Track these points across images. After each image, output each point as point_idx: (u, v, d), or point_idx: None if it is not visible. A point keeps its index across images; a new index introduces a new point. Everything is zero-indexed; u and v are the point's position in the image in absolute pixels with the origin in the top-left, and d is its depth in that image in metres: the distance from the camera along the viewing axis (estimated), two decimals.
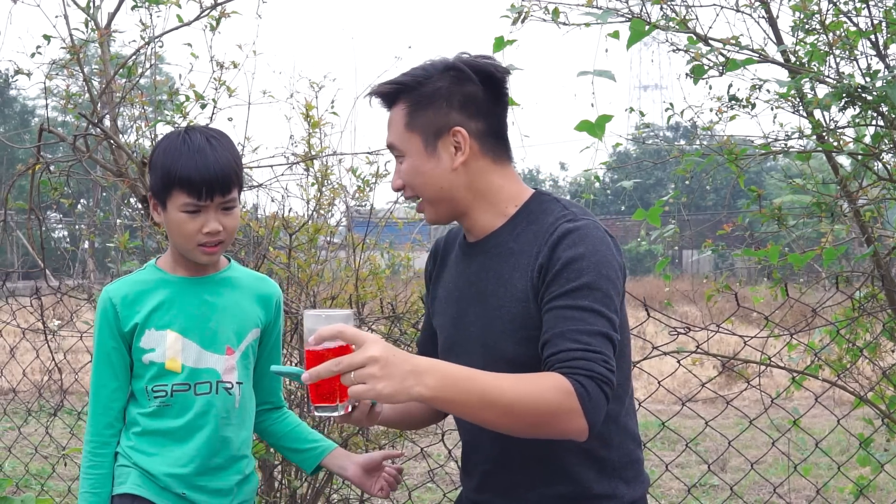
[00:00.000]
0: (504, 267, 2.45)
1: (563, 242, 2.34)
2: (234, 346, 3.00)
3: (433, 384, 2.07)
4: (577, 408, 2.14)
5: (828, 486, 5.86)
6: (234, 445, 3.01)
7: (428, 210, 2.53)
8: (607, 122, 3.55)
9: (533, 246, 2.40)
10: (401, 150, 2.47)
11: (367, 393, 2.02)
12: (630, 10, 4.63)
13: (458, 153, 2.45)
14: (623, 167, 8.66)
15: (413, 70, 2.47)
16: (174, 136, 2.93)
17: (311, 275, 4.96)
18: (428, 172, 2.46)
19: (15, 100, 46.00)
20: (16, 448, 7.02)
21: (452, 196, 2.48)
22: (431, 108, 2.43)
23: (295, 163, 5.24)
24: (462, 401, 2.12)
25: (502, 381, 2.16)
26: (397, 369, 2.03)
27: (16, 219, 7.42)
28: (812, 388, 5.19)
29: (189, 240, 2.89)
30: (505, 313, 2.41)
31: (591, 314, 2.26)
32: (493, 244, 2.50)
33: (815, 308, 4.57)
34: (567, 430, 2.18)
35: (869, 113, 4.87)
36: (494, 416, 2.15)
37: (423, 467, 7.84)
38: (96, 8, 5.22)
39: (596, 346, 2.22)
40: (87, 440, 3.01)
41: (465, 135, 2.45)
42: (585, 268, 2.30)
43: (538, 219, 2.46)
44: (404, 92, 2.46)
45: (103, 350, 2.99)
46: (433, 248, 2.80)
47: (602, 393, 2.18)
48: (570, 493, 2.45)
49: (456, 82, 2.44)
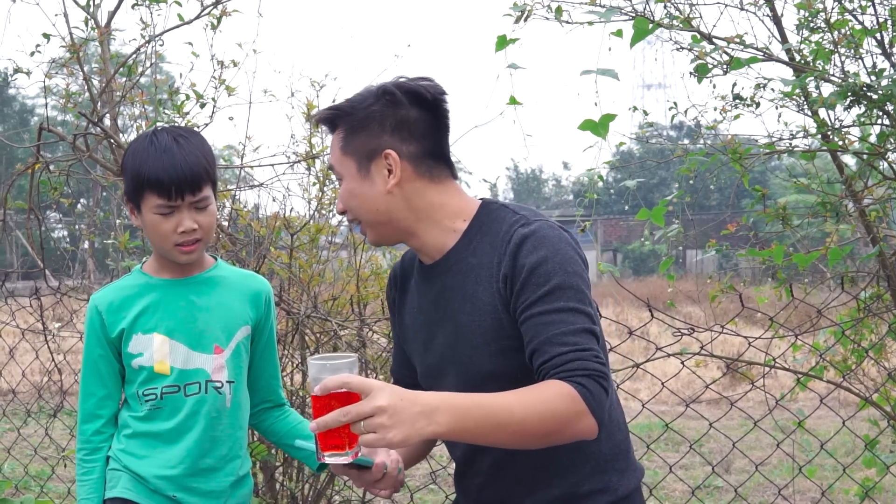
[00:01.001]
0: (467, 283, 2.45)
1: (523, 248, 2.36)
2: (223, 345, 2.98)
3: (445, 420, 2.08)
4: (585, 409, 2.18)
5: (833, 488, 5.83)
6: (225, 445, 2.99)
7: (369, 232, 2.56)
8: (611, 122, 3.53)
9: (492, 256, 2.41)
10: (339, 174, 2.51)
11: (379, 442, 2.02)
12: (633, 8, 4.60)
13: (391, 176, 2.46)
14: (626, 166, 8.61)
15: (352, 97, 2.51)
16: (142, 139, 2.92)
17: (312, 275, 4.95)
18: (363, 195, 2.48)
19: (14, 99, 46.07)
20: (15, 449, 7.01)
21: (391, 217, 2.49)
22: (364, 132, 2.46)
23: (296, 162, 5.23)
24: (474, 429, 2.13)
25: (509, 399, 2.17)
26: (406, 413, 2.03)
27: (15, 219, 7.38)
28: (817, 390, 5.16)
29: (165, 240, 2.87)
30: (476, 328, 2.42)
31: (569, 314, 2.29)
32: (453, 262, 2.50)
33: (819, 309, 4.55)
34: (578, 432, 2.21)
35: (874, 112, 4.85)
36: (508, 436, 2.18)
37: (425, 469, 7.81)
38: (96, 6, 5.20)
39: (584, 344, 2.25)
40: (78, 448, 3.02)
41: (395, 158, 2.45)
42: (552, 270, 2.32)
43: (491, 228, 2.47)
44: (340, 117, 2.49)
45: (90, 358, 2.99)
46: (391, 275, 2.81)
47: (601, 388, 2.22)
48: (564, 493, 2.46)
49: (389, 106, 2.46)
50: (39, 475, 7.26)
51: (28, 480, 6.88)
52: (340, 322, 4.77)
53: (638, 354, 12.50)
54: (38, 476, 7.18)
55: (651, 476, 8.02)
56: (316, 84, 5.18)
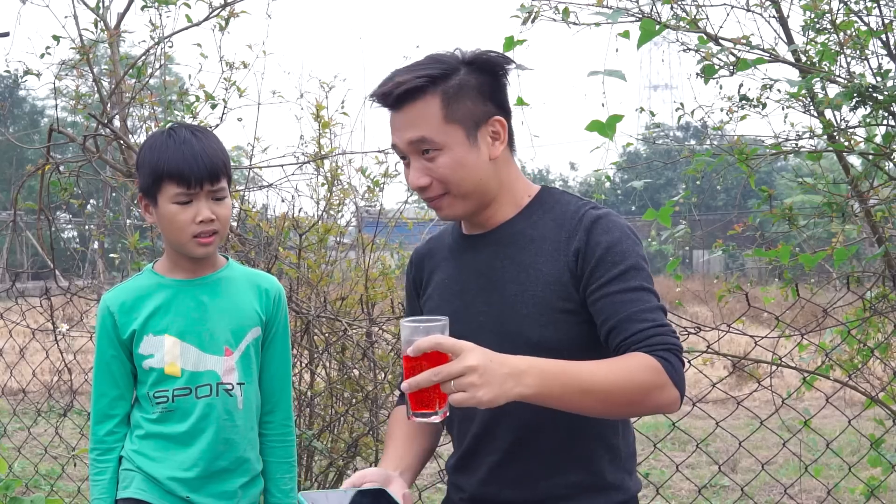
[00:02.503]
0: (524, 254, 2.45)
1: (598, 227, 2.40)
2: (233, 347, 2.98)
3: (533, 382, 2.12)
4: (668, 381, 2.24)
5: (839, 487, 5.84)
6: (239, 447, 2.99)
7: (455, 205, 2.47)
8: (618, 122, 3.55)
9: (558, 232, 2.43)
10: (438, 144, 2.39)
11: (469, 401, 2.05)
12: (640, 9, 4.62)
13: (497, 143, 2.45)
14: (633, 167, 8.64)
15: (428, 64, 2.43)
16: (158, 135, 2.95)
17: (321, 275, 4.96)
18: (471, 164, 2.42)
19: (24, 100, 46.08)
20: (25, 448, 7.03)
21: (486, 188, 2.46)
22: (468, 99, 2.40)
23: (305, 163, 5.24)
24: (561, 394, 2.16)
25: (594, 367, 2.22)
26: (495, 374, 2.06)
27: (26, 219, 7.42)
28: (823, 389, 5.16)
29: (183, 232, 2.88)
30: (528, 298, 2.41)
31: (644, 293, 2.36)
32: (507, 233, 2.50)
33: (826, 308, 4.55)
34: (661, 403, 2.27)
35: (880, 112, 4.85)
36: (594, 403, 2.21)
37: (433, 468, 7.83)
38: (106, 8, 5.23)
39: (661, 320, 2.34)
40: (91, 448, 3.03)
41: (504, 123, 2.45)
42: (626, 251, 2.38)
43: (554, 208, 2.49)
44: (435, 84, 2.39)
45: (103, 359, 3.00)
46: (414, 257, 2.80)
47: (680, 361, 2.30)
48: (583, 481, 2.45)
49: (480, 73, 2.43)
50: (50, 474, 7.29)
51: (38, 479, 6.91)
52: (350, 322, 4.80)
53: None
54: (48, 475, 7.21)
55: (658, 475, 8.03)
56: (325, 85, 5.20)
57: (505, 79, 2.49)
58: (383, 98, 2.43)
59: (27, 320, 5.71)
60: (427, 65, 2.42)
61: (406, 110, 2.41)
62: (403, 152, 2.46)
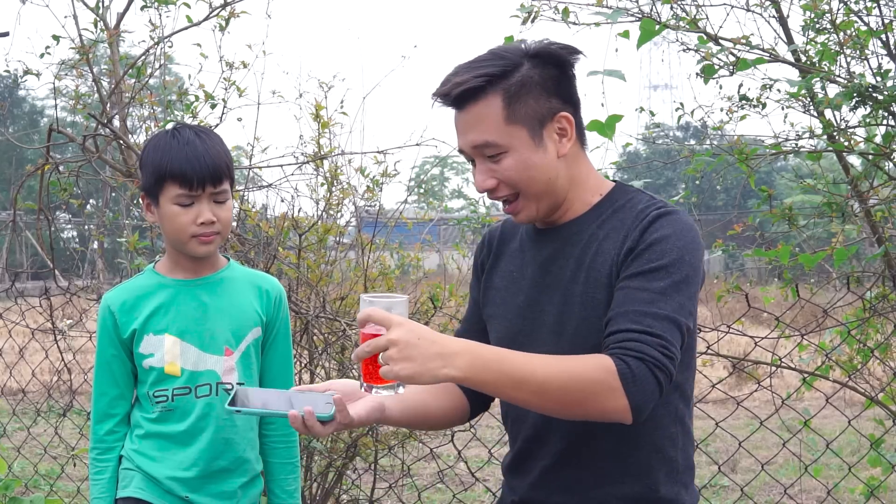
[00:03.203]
0: (586, 252, 2.35)
1: (653, 225, 2.27)
2: (233, 347, 2.99)
3: (464, 366, 2.06)
4: (617, 386, 2.08)
5: (838, 487, 5.84)
6: (239, 447, 3.00)
7: (528, 207, 2.38)
8: (617, 122, 3.54)
9: (620, 231, 2.31)
10: (502, 146, 2.31)
11: (388, 374, 2.03)
12: (640, 9, 4.62)
13: (564, 140, 2.35)
14: (633, 167, 8.63)
15: (488, 60, 2.34)
16: (163, 134, 2.95)
17: (320, 275, 4.96)
18: (538, 165, 2.32)
19: (24, 100, 46.03)
20: (25, 448, 7.03)
21: (556, 187, 2.37)
22: (531, 97, 2.31)
23: (304, 163, 5.24)
24: (494, 381, 2.09)
25: (535, 360, 2.12)
26: (418, 351, 2.02)
27: (25, 219, 7.41)
28: (823, 389, 5.16)
29: (183, 232, 2.89)
30: (589, 300, 2.31)
31: (662, 297, 2.18)
32: (574, 231, 2.40)
33: (825, 308, 4.55)
34: (605, 409, 2.10)
35: (880, 112, 4.86)
36: (528, 396, 2.11)
37: (432, 468, 7.83)
38: (105, 8, 5.23)
39: (657, 330, 2.14)
40: (91, 447, 3.04)
41: (570, 119, 2.36)
42: (669, 249, 2.23)
43: (624, 207, 2.38)
44: (495, 83, 2.30)
45: (103, 358, 3.01)
46: (486, 237, 2.68)
47: (652, 377, 2.10)
48: (637, 494, 2.35)
49: (542, 67, 2.33)
50: (49, 474, 7.29)
51: (38, 479, 6.91)
52: (349, 322, 4.79)
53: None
54: (47, 475, 7.20)
55: None
56: (324, 85, 5.20)
57: (572, 71, 2.39)
58: (443, 98, 2.36)
59: (27, 320, 5.70)
60: (487, 61, 2.33)
61: (467, 111, 2.33)
62: (469, 155, 2.38)
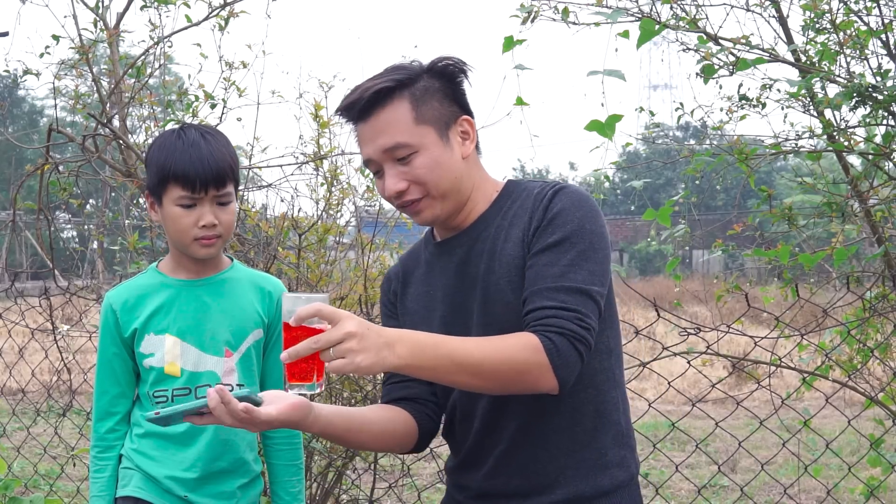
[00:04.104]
0: (496, 243, 2.45)
1: (553, 202, 2.38)
2: (233, 348, 2.99)
3: (404, 353, 2.11)
4: (546, 363, 2.19)
5: (838, 487, 5.84)
6: (239, 448, 3.00)
7: (432, 206, 2.47)
8: (617, 122, 3.54)
9: (523, 216, 2.42)
10: (412, 146, 2.40)
11: (347, 367, 2.05)
12: (640, 9, 4.62)
13: (467, 142, 2.47)
14: (633, 167, 8.64)
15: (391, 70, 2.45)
16: (169, 134, 2.95)
17: (320, 275, 4.96)
18: (447, 163, 2.42)
19: (24, 100, 46.07)
20: (24, 448, 7.03)
21: (461, 187, 2.46)
22: (434, 101, 2.42)
23: (304, 163, 5.24)
24: (433, 366, 2.16)
25: (470, 343, 2.20)
26: (372, 342, 2.06)
27: (25, 219, 7.41)
28: (822, 389, 5.17)
29: (185, 234, 2.89)
30: (506, 285, 2.40)
31: (571, 269, 2.29)
32: (482, 228, 2.50)
33: (825, 308, 4.55)
34: (537, 385, 2.22)
35: (880, 112, 4.85)
36: (467, 378, 2.20)
37: (432, 468, 7.84)
38: (105, 8, 5.22)
39: (571, 304, 2.25)
40: (92, 445, 3.04)
41: (472, 122, 2.48)
42: (569, 219, 2.34)
43: (521, 195, 2.48)
44: (402, 88, 2.40)
45: (105, 356, 3.01)
46: (389, 275, 2.77)
47: (574, 350, 2.22)
48: (589, 461, 2.44)
49: (441, 77, 2.45)
50: (49, 474, 7.29)
51: (37, 479, 6.91)
52: None
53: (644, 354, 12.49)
54: (47, 475, 7.21)
55: (657, 475, 8.03)
56: (324, 85, 5.20)
57: (464, 83, 2.51)
58: (349, 109, 2.44)
59: (26, 320, 5.70)
60: (390, 71, 2.44)
61: (375, 118, 2.41)
62: (378, 162, 2.45)
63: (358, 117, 2.44)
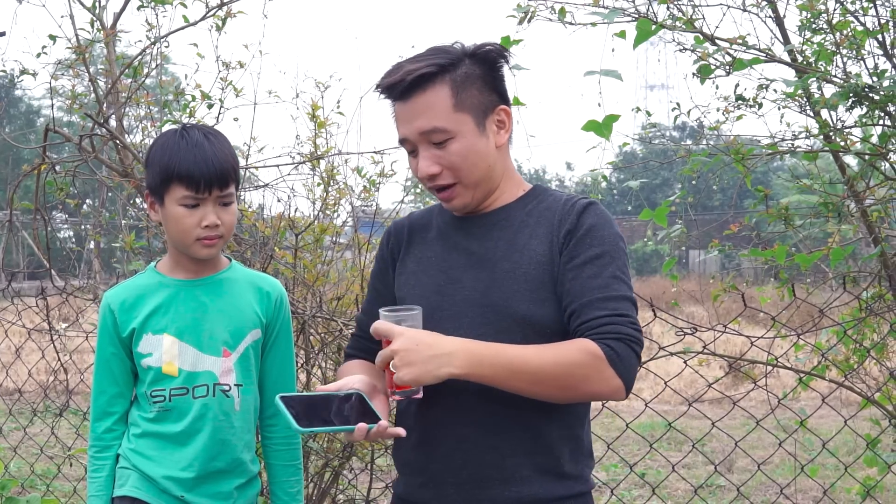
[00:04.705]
0: (518, 236, 2.51)
1: (587, 212, 2.48)
2: (231, 348, 2.99)
3: (462, 364, 2.24)
4: (608, 368, 2.28)
5: (835, 487, 5.85)
6: (236, 449, 3.00)
7: (464, 195, 2.53)
8: (614, 122, 3.55)
9: (552, 217, 2.50)
10: (449, 132, 2.45)
11: (396, 381, 2.24)
12: (637, 9, 4.62)
13: (502, 131, 2.53)
14: (629, 167, 8.64)
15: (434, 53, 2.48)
16: (171, 134, 2.95)
17: (317, 275, 4.96)
18: (481, 152, 2.48)
19: (20, 100, 46.02)
20: (21, 448, 7.03)
21: (492, 176, 2.53)
22: (475, 88, 2.46)
23: (301, 163, 5.23)
24: (492, 374, 2.27)
25: (529, 350, 2.30)
26: (417, 356, 2.21)
27: (21, 219, 7.42)
28: (819, 389, 5.17)
29: (187, 234, 2.89)
30: (521, 275, 2.46)
31: (613, 280, 2.40)
32: (503, 216, 2.57)
33: (822, 308, 4.56)
34: (601, 391, 2.32)
35: (876, 113, 4.86)
36: (526, 385, 2.29)
37: None
38: (102, 8, 5.21)
39: (622, 310, 2.36)
40: (90, 444, 3.04)
41: (509, 112, 2.53)
42: (606, 236, 2.45)
43: (547, 199, 2.57)
44: (443, 73, 2.44)
45: (103, 356, 3.01)
46: (392, 230, 2.79)
47: (632, 352, 2.33)
48: (548, 465, 2.47)
49: (479, 64, 2.49)
50: (45, 474, 7.28)
51: (34, 479, 6.90)
52: (345, 322, 4.79)
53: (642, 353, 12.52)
54: (43, 475, 7.20)
55: (654, 475, 8.04)
56: (321, 85, 5.19)
57: (503, 69, 2.56)
58: (391, 89, 2.48)
59: (23, 320, 5.70)
60: (433, 54, 2.48)
61: (415, 100, 2.45)
62: (413, 143, 2.50)
63: (398, 97, 2.49)
